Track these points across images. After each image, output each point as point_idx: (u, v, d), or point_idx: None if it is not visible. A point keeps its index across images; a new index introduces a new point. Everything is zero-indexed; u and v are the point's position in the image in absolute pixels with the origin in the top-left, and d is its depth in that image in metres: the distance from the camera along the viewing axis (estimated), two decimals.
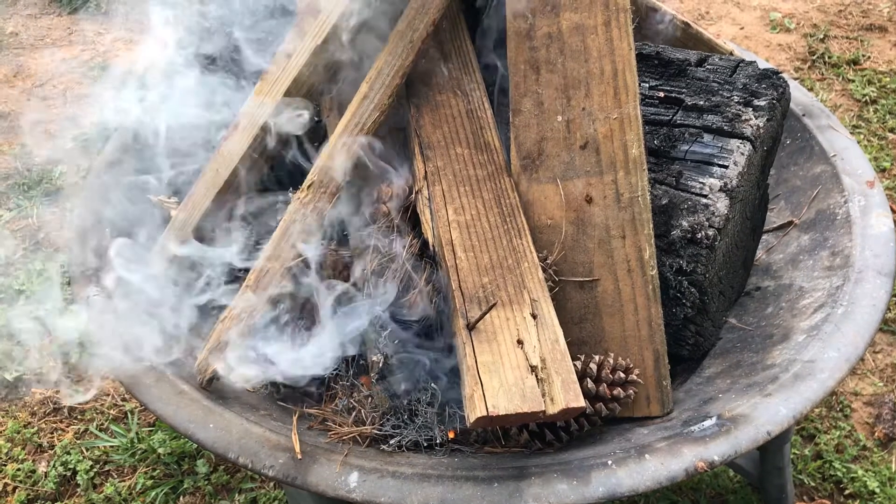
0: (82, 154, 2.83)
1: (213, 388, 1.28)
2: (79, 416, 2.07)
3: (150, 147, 1.71)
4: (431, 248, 1.29)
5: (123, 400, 2.09)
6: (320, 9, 1.34)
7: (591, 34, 1.28)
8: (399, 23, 1.35)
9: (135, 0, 1.67)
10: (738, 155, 1.33)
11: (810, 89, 3.06)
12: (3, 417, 2.06)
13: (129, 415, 2.05)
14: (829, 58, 3.21)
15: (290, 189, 1.41)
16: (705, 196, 1.32)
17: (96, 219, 1.57)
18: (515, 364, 1.13)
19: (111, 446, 1.99)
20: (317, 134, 1.47)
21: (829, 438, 1.96)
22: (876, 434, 1.99)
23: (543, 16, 1.31)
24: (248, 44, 1.56)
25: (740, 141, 1.34)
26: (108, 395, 2.11)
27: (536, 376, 1.12)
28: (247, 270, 1.37)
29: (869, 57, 3.22)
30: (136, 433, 2.01)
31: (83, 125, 2.93)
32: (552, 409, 1.09)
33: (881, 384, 2.10)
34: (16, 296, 2.31)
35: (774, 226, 1.65)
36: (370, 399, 1.29)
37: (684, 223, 1.32)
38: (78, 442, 2.00)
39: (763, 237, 1.60)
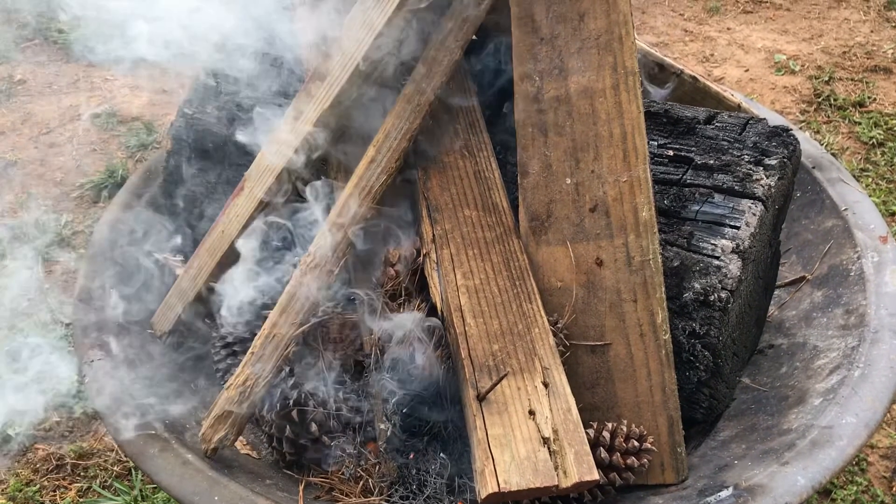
0: (88, 203, 2.83)
1: (217, 456, 1.26)
2: (82, 474, 2.04)
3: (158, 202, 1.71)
4: (440, 313, 1.27)
5: (127, 456, 2.06)
6: (327, 73, 1.34)
7: (600, 97, 1.28)
8: (406, 86, 1.34)
9: (141, 48, 1.67)
10: (749, 215, 1.31)
11: (816, 132, 3.05)
12: (5, 475, 2.03)
13: (133, 472, 2.02)
14: (835, 100, 3.21)
15: (297, 250, 1.40)
16: (717, 258, 1.30)
17: (101, 278, 1.56)
18: (527, 436, 1.10)
19: None
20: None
21: (847, 494, 1.92)
22: (894, 489, 1.95)
23: (551, 79, 1.30)
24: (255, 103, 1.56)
25: (752, 201, 1.32)
26: (112, 450, 2.08)
27: (549, 449, 1.09)
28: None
29: (875, 99, 3.22)
30: (140, 490, 1.97)
31: (90, 173, 2.94)
32: (565, 483, 1.07)
33: None
34: (20, 348, 2.29)
35: (786, 281, 1.63)
36: (378, 467, 1.26)
37: (696, 285, 1.29)
38: (81, 500, 1.97)
39: (775, 292, 1.58)
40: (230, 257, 1.43)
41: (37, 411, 1.95)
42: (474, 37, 1.40)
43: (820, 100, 3.22)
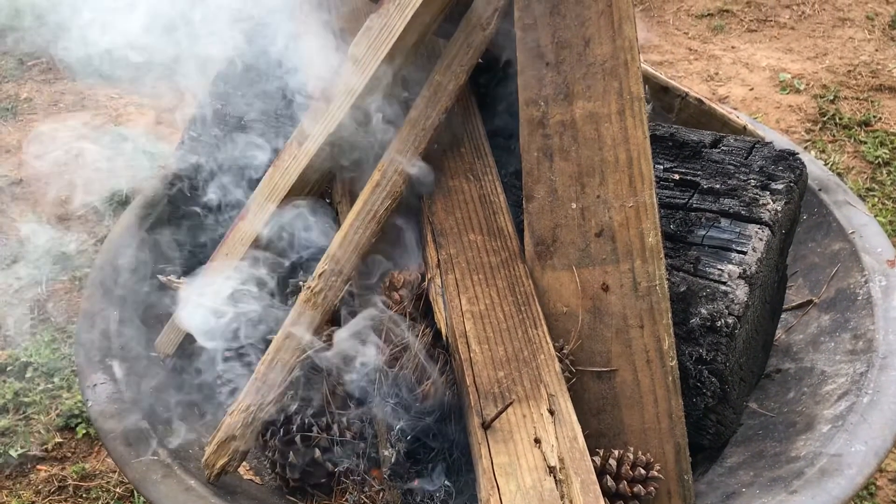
0: (93, 222, 2.83)
1: (220, 482, 1.25)
2: (84, 495, 2.03)
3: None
4: (445, 338, 1.26)
5: (129, 482, 2.04)
6: (333, 96, 1.34)
7: (606, 122, 1.27)
8: (411, 110, 1.34)
9: (146, 66, 1.67)
10: (756, 240, 1.31)
11: (822, 151, 3.04)
12: (7, 496, 2.02)
13: (135, 493, 2.01)
14: (840, 119, 3.20)
15: (301, 275, 1.40)
16: (724, 283, 1.29)
17: (104, 300, 1.56)
18: (533, 465, 1.09)
19: None
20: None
21: None
22: None
23: (556, 104, 1.30)
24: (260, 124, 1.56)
25: (758, 226, 1.32)
26: (115, 472, 2.07)
27: (555, 478, 1.08)
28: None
29: (880, 118, 3.21)
30: None
31: (95, 192, 2.94)
32: None
33: None
34: (23, 368, 2.29)
35: (793, 304, 1.61)
36: (382, 494, 1.25)
37: (703, 311, 1.29)
38: None
39: (782, 315, 1.57)
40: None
41: None
42: (479, 61, 1.40)
43: (825, 119, 3.22)
